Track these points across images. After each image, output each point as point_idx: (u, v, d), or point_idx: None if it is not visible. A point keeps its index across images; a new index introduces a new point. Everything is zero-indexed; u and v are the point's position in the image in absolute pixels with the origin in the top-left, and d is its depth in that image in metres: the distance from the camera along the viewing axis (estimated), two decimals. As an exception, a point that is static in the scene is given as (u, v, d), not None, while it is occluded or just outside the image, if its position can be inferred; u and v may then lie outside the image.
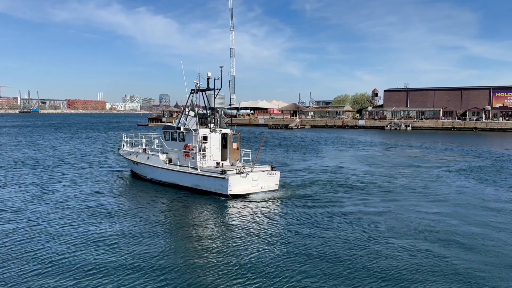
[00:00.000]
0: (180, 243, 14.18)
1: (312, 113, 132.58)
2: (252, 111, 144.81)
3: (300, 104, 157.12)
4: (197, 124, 23.47)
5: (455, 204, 20.30)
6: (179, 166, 22.87)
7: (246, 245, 13.96)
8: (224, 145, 23.85)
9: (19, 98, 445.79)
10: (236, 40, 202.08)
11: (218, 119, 24.54)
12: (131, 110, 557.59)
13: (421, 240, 14.60)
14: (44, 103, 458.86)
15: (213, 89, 24.22)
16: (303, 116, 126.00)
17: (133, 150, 28.16)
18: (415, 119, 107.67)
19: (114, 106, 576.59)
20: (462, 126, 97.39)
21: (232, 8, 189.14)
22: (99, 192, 22.24)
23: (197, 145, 22.48)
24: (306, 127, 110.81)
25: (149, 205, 19.63)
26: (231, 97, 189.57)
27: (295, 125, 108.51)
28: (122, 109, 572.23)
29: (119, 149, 30.71)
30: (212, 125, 23.68)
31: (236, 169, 20.72)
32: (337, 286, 10.92)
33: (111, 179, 26.67)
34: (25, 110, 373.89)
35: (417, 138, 70.13)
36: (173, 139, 24.54)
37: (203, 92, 24.87)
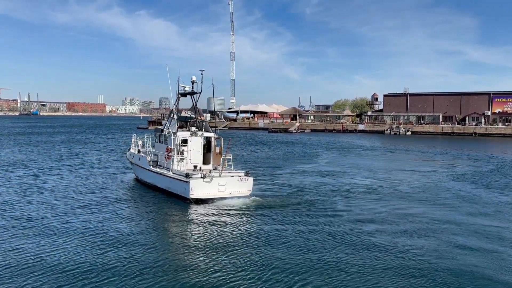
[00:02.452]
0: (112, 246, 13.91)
1: (311, 117, 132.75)
2: (252, 115, 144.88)
3: (299, 108, 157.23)
4: (176, 127, 23.53)
5: (451, 209, 20.28)
6: (159, 168, 23.14)
7: (184, 251, 13.65)
8: (208, 149, 23.64)
9: (19, 100, 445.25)
10: (236, 44, 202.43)
11: (201, 123, 24.38)
12: (130, 113, 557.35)
13: (407, 243, 14.57)
14: (44, 105, 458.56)
15: (196, 93, 24.40)
16: (303, 120, 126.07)
17: (132, 151, 28.71)
18: (414, 124, 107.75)
19: (114, 109, 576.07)
20: (462, 131, 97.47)
21: (232, 12, 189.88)
22: (85, 193, 22.50)
23: (175, 147, 22.52)
24: (305, 131, 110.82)
25: (118, 204, 20.12)
26: (231, 100, 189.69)
27: (295, 129, 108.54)
28: (122, 112, 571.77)
29: (129, 150, 31.02)
30: (193, 129, 23.49)
31: (201, 173, 20.21)
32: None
33: (102, 180, 26.97)
34: (24, 113, 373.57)
35: (416, 143, 70.18)
36: (160, 142, 24.95)
37: (192, 96, 24.85)
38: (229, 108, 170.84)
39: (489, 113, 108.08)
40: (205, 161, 23.26)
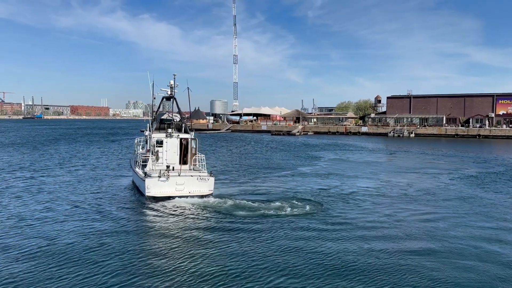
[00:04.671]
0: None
1: (315, 119, 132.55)
2: (255, 118, 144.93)
3: (303, 111, 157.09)
4: (152, 129, 24.63)
5: (458, 213, 20.14)
6: (137, 168, 24.04)
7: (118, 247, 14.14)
8: (186, 150, 24.30)
9: (23, 104, 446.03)
10: (239, 47, 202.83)
11: (180, 124, 25.30)
12: (134, 116, 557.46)
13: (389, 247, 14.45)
14: (47, 109, 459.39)
15: (173, 97, 25.29)
16: (306, 123, 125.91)
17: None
18: (418, 126, 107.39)
19: (118, 112, 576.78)
20: (466, 133, 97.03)
21: (235, 15, 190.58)
22: (78, 194, 23.32)
23: (151, 148, 23.55)
24: (308, 133, 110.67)
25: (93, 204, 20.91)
26: (234, 103, 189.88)
27: (298, 132, 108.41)
28: (125, 115, 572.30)
29: None
30: (170, 130, 24.21)
31: (159, 172, 20.97)
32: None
33: (97, 183, 27.44)
34: (28, 116, 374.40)
35: (420, 145, 69.94)
36: (147, 143, 26.10)
37: (175, 99, 25.79)
38: (232, 111, 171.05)
39: (493, 115, 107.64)
40: (183, 161, 23.97)
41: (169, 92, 25.26)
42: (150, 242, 14.73)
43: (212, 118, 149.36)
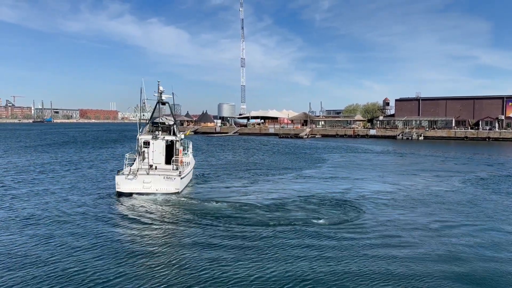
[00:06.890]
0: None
1: (322, 122, 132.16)
2: (262, 121, 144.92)
3: (310, 114, 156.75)
4: (144, 131, 26.16)
5: (468, 218, 19.91)
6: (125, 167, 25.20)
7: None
8: (172, 151, 25.56)
9: (32, 108, 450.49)
10: (246, 50, 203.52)
11: (169, 127, 26.67)
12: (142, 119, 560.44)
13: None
14: (57, 112, 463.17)
15: (161, 102, 26.78)
16: (314, 126, 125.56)
17: None
18: (427, 129, 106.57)
19: (126, 116, 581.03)
20: (475, 136, 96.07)
21: (243, 19, 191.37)
22: (77, 194, 24.01)
23: (138, 149, 25.03)
24: (316, 136, 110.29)
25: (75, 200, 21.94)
26: (241, 106, 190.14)
27: (306, 135, 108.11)
28: (133, 118, 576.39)
29: None
30: (156, 132, 25.69)
31: (129, 171, 22.69)
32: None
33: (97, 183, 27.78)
34: (38, 120, 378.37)
35: (429, 148, 69.37)
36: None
37: (167, 104, 27.49)
38: (240, 114, 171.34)
39: (503, 117, 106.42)
40: (168, 161, 25.33)
41: (162, 97, 26.48)
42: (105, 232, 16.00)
43: (219, 121, 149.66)
